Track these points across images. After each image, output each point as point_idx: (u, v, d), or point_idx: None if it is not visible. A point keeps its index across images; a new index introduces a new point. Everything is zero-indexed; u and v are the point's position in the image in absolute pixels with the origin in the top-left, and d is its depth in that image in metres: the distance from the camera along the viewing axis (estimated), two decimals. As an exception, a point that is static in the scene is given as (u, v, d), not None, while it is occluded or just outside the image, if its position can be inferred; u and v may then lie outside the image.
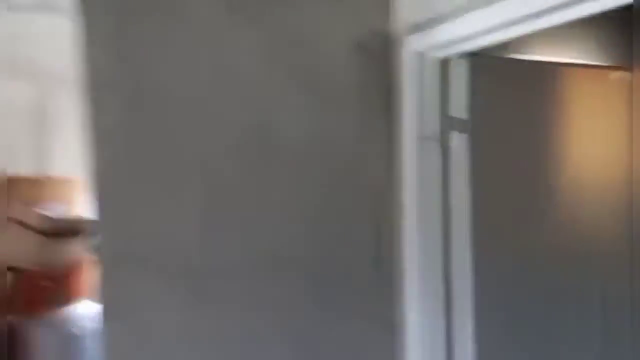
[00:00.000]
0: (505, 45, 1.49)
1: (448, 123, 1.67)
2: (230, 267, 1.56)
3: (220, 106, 1.55)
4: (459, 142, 1.67)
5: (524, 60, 1.74)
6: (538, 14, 1.29)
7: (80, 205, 3.17)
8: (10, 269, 2.81)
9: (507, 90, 1.65)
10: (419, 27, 1.61)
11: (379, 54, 1.69)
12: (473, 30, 1.44)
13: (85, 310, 2.94)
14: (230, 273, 1.56)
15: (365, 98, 1.69)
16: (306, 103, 1.63)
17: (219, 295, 1.55)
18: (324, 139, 1.65)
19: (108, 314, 1.46)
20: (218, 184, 1.55)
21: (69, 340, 2.80)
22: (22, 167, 3.39)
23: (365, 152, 1.70)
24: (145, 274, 1.49)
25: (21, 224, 2.87)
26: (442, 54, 1.62)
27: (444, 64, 1.65)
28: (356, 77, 1.67)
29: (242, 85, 1.57)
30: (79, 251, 3.03)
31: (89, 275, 2.85)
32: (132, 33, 1.48)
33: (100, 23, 1.45)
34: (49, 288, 2.86)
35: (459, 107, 1.66)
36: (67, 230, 2.96)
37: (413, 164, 1.68)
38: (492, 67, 1.62)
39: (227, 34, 1.55)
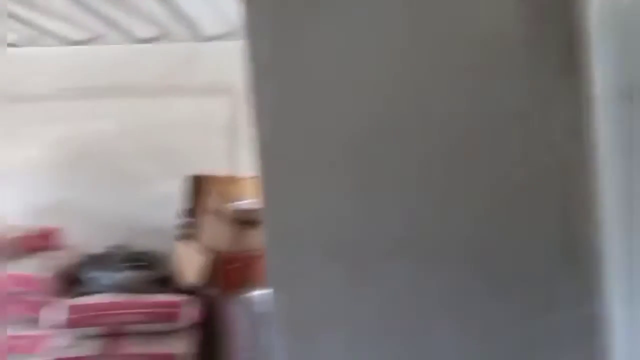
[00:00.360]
0: None
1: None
2: (389, 247, 1.50)
3: (371, 82, 1.51)
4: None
5: None
6: None
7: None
8: (211, 251, 3.22)
9: None
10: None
11: (555, 2, 1.50)
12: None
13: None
14: (388, 253, 1.50)
15: (541, 57, 1.51)
16: (469, 68, 1.50)
17: (377, 276, 1.50)
18: (492, 109, 1.51)
19: (274, 285, 1.55)
20: (372, 161, 1.51)
21: (257, 317, 3.05)
22: (219, 168, 4.03)
23: (544, 120, 1.52)
24: (304, 250, 1.52)
25: (218, 214, 3.26)
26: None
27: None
28: (528, 33, 1.51)
29: (393, 56, 1.51)
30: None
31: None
32: (290, 22, 1.54)
33: (262, 19, 1.55)
34: (241, 270, 3.18)
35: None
36: (255, 220, 3.27)
37: (609, 129, 1.46)
38: None
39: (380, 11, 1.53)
